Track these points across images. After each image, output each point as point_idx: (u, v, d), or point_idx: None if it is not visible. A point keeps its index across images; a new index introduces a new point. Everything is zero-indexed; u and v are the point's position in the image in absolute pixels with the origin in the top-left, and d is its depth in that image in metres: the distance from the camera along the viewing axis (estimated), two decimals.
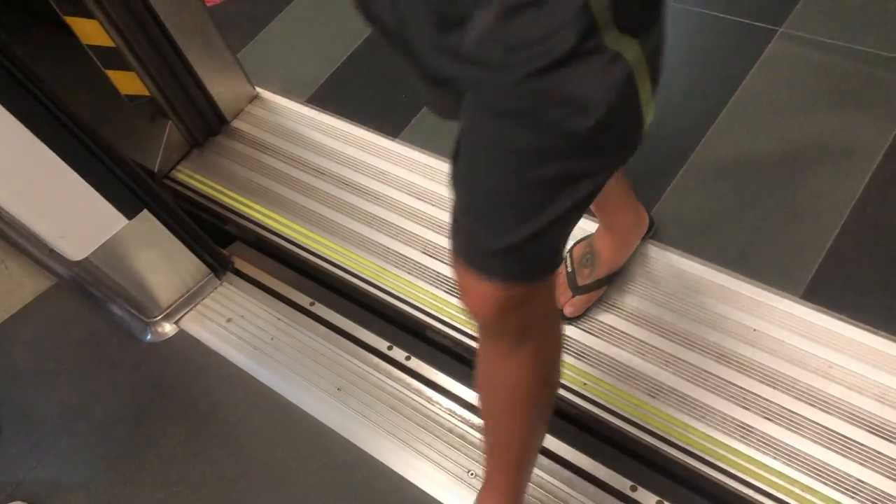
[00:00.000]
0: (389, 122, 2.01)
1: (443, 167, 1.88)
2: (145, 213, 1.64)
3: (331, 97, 2.14)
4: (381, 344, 1.67)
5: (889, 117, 1.67)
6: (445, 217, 1.78)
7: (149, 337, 1.82)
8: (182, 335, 1.81)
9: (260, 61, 2.29)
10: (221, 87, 2.07)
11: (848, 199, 1.58)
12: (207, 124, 2.10)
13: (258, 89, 2.19)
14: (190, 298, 1.84)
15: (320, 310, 1.76)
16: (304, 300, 1.79)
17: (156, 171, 2.04)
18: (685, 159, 1.74)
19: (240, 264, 1.91)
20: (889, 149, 1.63)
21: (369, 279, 1.74)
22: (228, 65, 2.07)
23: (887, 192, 1.58)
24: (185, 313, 1.83)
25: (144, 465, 1.61)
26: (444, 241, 1.74)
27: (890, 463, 1.29)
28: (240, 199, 1.99)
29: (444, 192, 1.82)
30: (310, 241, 1.85)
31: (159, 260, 1.76)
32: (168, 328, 1.82)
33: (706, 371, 1.45)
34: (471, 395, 1.55)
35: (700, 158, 1.73)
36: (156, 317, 1.82)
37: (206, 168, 2.08)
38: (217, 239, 1.93)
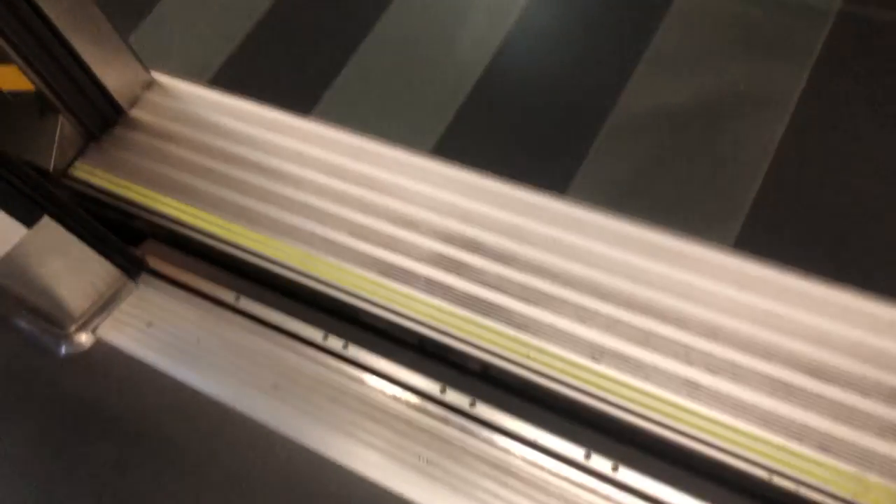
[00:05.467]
0: (300, 99, 1.93)
1: (360, 143, 1.81)
2: (46, 220, 1.51)
3: (234, 77, 2.03)
4: (316, 334, 1.60)
5: (800, 62, 1.69)
6: (369, 196, 1.72)
7: (64, 350, 1.70)
8: (100, 345, 1.69)
9: (153, 44, 2.16)
10: (113, 75, 1.93)
11: (769, 145, 1.60)
12: (102, 116, 1.96)
13: (154, 74, 2.05)
14: (105, 305, 1.72)
15: (247, 304, 1.68)
16: (228, 296, 1.70)
17: (51, 170, 1.89)
18: (604, 119, 1.72)
19: (155, 263, 1.80)
20: (803, 93, 1.65)
21: (296, 267, 1.66)
22: (118, 50, 1.93)
23: (805, 137, 1.60)
24: (102, 321, 1.72)
25: (74, 493, 1.51)
26: (370, 222, 1.68)
27: (832, 405, 1.31)
28: (147, 192, 1.86)
29: (365, 169, 1.75)
30: (228, 232, 1.75)
31: (67, 267, 1.63)
32: (84, 339, 1.70)
33: (647, 331, 1.45)
34: (412, 378, 1.51)
35: (619, 117, 1.72)
36: (70, 328, 1.70)
37: (107, 163, 1.94)
38: (127, 238, 1.81)
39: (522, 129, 1.75)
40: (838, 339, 1.37)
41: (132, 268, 1.76)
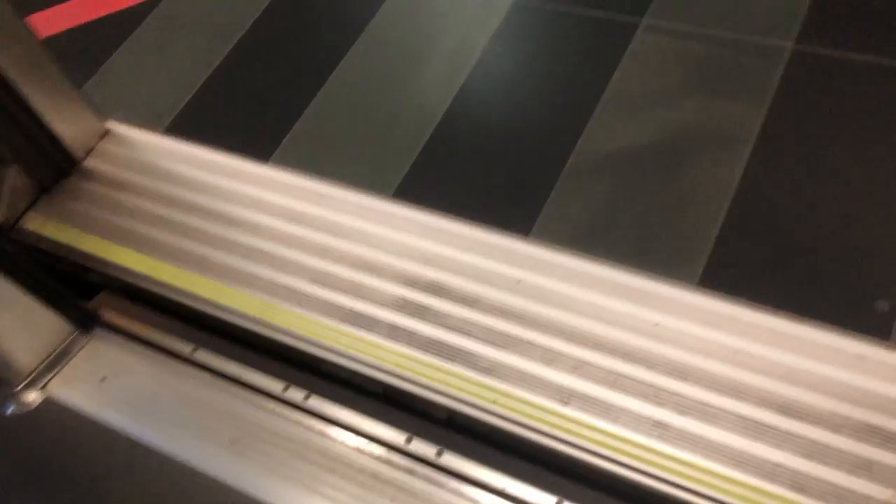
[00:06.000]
0: (258, 145, 1.90)
1: (320, 188, 1.78)
2: None
3: (192, 125, 2.00)
4: (276, 386, 1.55)
5: (758, 100, 1.71)
6: (330, 241, 1.69)
7: (11, 409, 1.63)
8: (50, 402, 1.62)
9: (109, 93, 2.12)
10: (67, 125, 1.89)
11: (729, 182, 1.60)
12: (55, 166, 1.91)
13: (110, 123, 2.02)
14: (55, 361, 1.66)
15: (204, 356, 1.63)
16: (184, 348, 1.65)
17: (0, 223, 1.84)
18: (566, 160, 1.72)
19: (109, 316, 1.74)
20: (761, 131, 1.66)
21: (254, 317, 1.62)
22: (72, 99, 1.89)
23: (765, 173, 1.60)
24: (52, 377, 1.65)
25: None
26: (331, 268, 1.64)
27: (804, 443, 1.29)
28: (101, 244, 1.81)
29: (326, 214, 1.72)
30: (184, 282, 1.70)
31: (15, 323, 1.58)
32: (33, 397, 1.63)
33: (615, 372, 1.42)
34: (377, 428, 1.46)
35: (580, 158, 1.72)
36: (17, 386, 1.63)
37: (59, 214, 1.89)
38: (80, 291, 1.76)
39: (484, 171, 1.74)
40: (807, 375, 1.35)
41: (85, 321, 1.70)
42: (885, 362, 1.34)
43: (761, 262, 1.48)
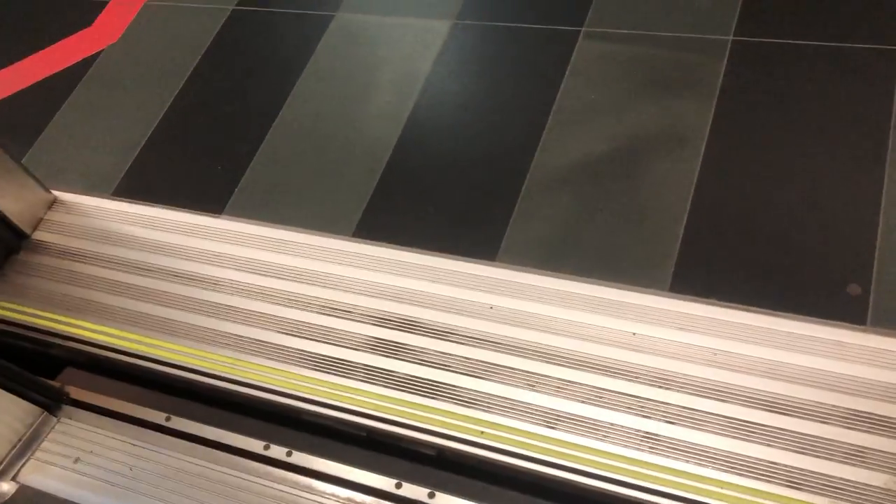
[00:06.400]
0: (210, 198, 1.86)
1: (278, 234, 1.74)
2: None
3: (140, 185, 1.96)
4: (256, 445, 1.51)
5: (705, 96, 1.71)
6: (294, 288, 1.66)
7: None
8: (24, 491, 1.56)
9: (52, 160, 2.07)
10: (11, 200, 1.84)
11: (688, 182, 1.60)
12: (4, 244, 1.85)
13: (56, 192, 1.96)
14: (25, 446, 1.60)
15: (179, 423, 1.57)
16: (157, 417, 1.59)
17: None
18: (523, 179, 1.70)
19: (76, 393, 1.68)
20: (713, 126, 1.66)
21: (226, 375, 1.57)
22: (13, 173, 1.84)
23: (722, 169, 1.60)
24: (23, 465, 1.59)
25: None
26: (299, 315, 1.61)
27: (794, 437, 1.28)
28: (60, 318, 1.76)
29: (287, 261, 1.69)
30: (150, 348, 1.65)
31: None
32: (6, 487, 1.57)
33: (599, 388, 1.41)
34: (364, 477, 1.42)
35: (538, 174, 1.70)
36: None
37: (13, 292, 1.83)
38: (44, 369, 1.69)
39: (443, 199, 1.72)
40: (789, 369, 1.35)
41: (52, 402, 1.64)
42: (864, 346, 1.34)
43: (729, 259, 1.47)
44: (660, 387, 1.38)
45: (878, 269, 1.43)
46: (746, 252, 1.49)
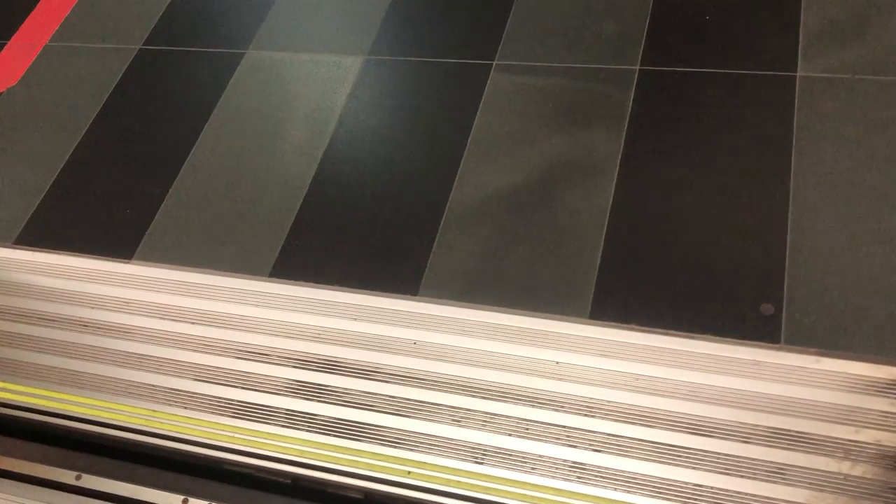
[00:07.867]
0: (119, 243, 1.79)
1: (192, 278, 1.69)
2: None
3: (44, 232, 1.87)
4: (174, 500, 1.44)
5: (614, 124, 1.74)
6: (210, 333, 1.60)
7: None
8: None
9: None
10: None
11: (603, 209, 1.62)
12: None
13: None
14: None
15: (90, 481, 1.49)
16: (67, 476, 1.51)
17: None
18: (442, 212, 1.70)
19: None
20: (624, 153, 1.69)
21: (140, 428, 1.51)
22: None
23: (633, 196, 1.63)
24: None
25: None
26: (215, 361, 1.55)
27: (717, 458, 1.30)
28: None
29: (201, 305, 1.63)
30: (57, 403, 1.57)
31: None
32: None
33: (525, 419, 1.40)
34: None
35: (456, 207, 1.70)
36: None
37: None
38: None
39: (362, 235, 1.70)
40: (708, 390, 1.36)
41: None
42: (779, 364, 1.37)
43: (646, 284, 1.49)
44: (585, 415, 1.38)
45: (788, 288, 1.46)
46: (663, 276, 1.51)
